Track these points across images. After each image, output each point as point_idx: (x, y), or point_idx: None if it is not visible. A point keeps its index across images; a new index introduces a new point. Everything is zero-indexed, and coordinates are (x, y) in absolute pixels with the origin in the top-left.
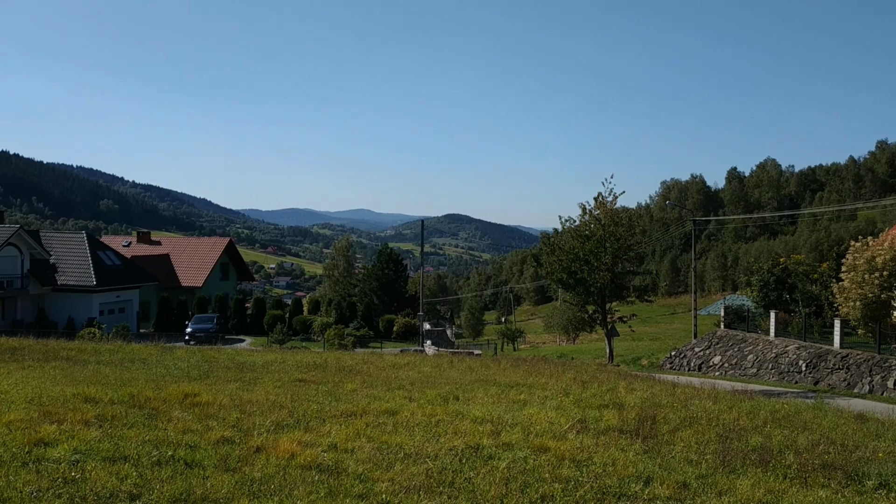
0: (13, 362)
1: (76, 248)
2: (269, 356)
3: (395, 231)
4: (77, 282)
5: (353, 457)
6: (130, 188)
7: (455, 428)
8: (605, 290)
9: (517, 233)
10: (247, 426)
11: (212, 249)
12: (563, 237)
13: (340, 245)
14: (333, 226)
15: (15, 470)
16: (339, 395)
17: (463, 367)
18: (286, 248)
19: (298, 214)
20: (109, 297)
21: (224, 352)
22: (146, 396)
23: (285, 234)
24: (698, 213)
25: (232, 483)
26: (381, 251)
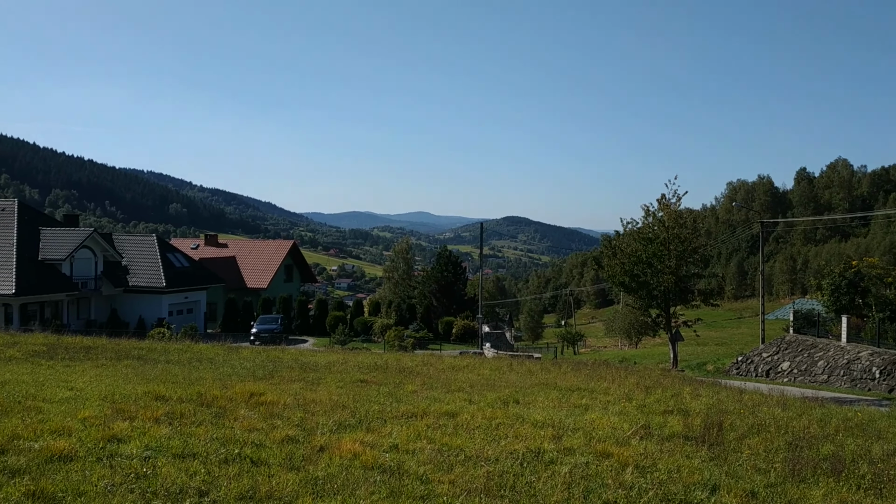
0: (88, 361)
1: (147, 250)
2: (331, 357)
3: (453, 233)
4: (147, 283)
5: (414, 458)
6: (198, 192)
7: (515, 431)
8: (668, 294)
9: (577, 235)
10: (310, 425)
11: (276, 252)
12: (624, 239)
13: (400, 247)
14: (393, 228)
15: (90, 465)
16: (400, 396)
17: (523, 370)
18: (347, 250)
19: (359, 217)
20: (178, 298)
21: (288, 352)
22: (213, 395)
23: (346, 237)
24: (766, 215)
25: (296, 481)
26: (440, 254)
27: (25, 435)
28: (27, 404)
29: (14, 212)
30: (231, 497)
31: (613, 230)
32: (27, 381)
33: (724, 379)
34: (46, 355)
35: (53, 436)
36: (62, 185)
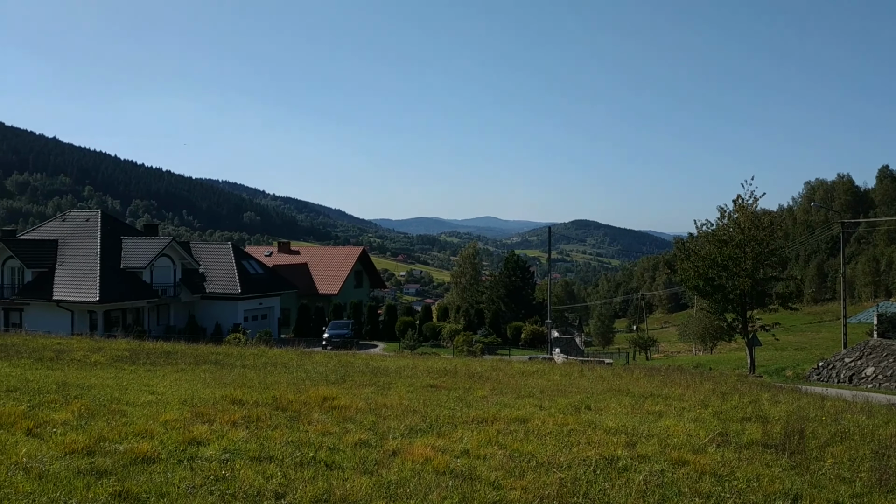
0: (168, 365)
1: (223, 258)
2: (401, 361)
3: (520, 238)
4: (224, 290)
5: (485, 463)
6: (271, 201)
7: (588, 438)
8: (745, 297)
9: (648, 238)
10: (382, 430)
11: (346, 258)
12: (698, 242)
13: (467, 253)
14: (460, 233)
15: (172, 467)
16: (470, 401)
17: (594, 376)
18: (415, 256)
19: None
20: (253, 304)
21: (359, 357)
22: (288, 399)
23: (414, 243)
24: (846, 215)
25: (370, 485)
26: (508, 258)
27: (111, 437)
28: (112, 408)
29: (98, 222)
30: (307, 500)
31: (686, 232)
32: (111, 386)
33: (805, 385)
34: (129, 360)
35: (137, 438)
36: (142, 196)
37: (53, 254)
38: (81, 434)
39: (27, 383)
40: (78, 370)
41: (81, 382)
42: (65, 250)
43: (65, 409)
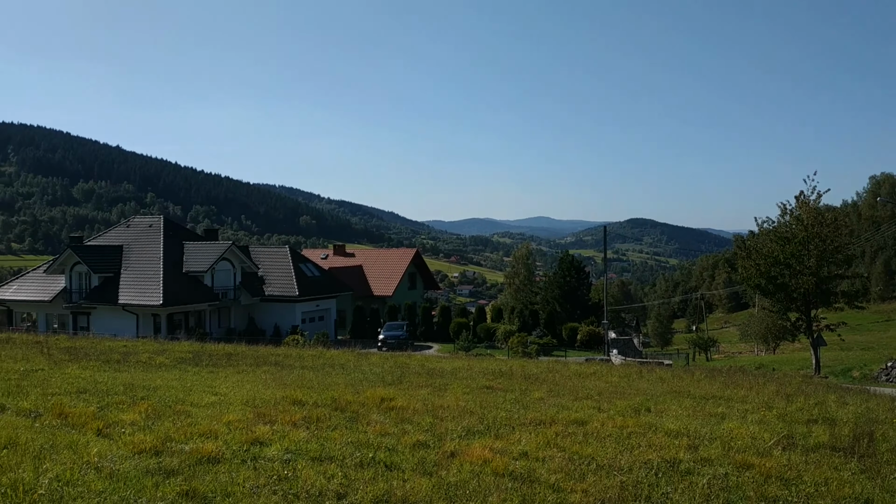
0: (229, 367)
1: (280, 261)
2: (456, 363)
3: (575, 238)
4: (282, 292)
5: (544, 466)
6: (326, 204)
7: (648, 441)
8: (809, 296)
9: (707, 236)
10: (440, 431)
11: (400, 260)
12: (760, 240)
13: (520, 253)
14: (513, 234)
15: (236, 467)
16: (527, 403)
17: (653, 377)
18: (468, 257)
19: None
20: (310, 306)
21: (414, 358)
22: (347, 400)
23: (467, 244)
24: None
25: (429, 486)
26: (563, 258)
27: (177, 437)
28: (177, 408)
29: (160, 228)
30: (367, 500)
31: (747, 230)
32: (176, 387)
33: (873, 386)
34: (192, 362)
35: (202, 438)
36: (202, 201)
37: (119, 259)
38: (149, 434)
39: (96, 385)
40: (144, 372)
41: (147, 384)
42: (129, 255)
43: (132, 409)
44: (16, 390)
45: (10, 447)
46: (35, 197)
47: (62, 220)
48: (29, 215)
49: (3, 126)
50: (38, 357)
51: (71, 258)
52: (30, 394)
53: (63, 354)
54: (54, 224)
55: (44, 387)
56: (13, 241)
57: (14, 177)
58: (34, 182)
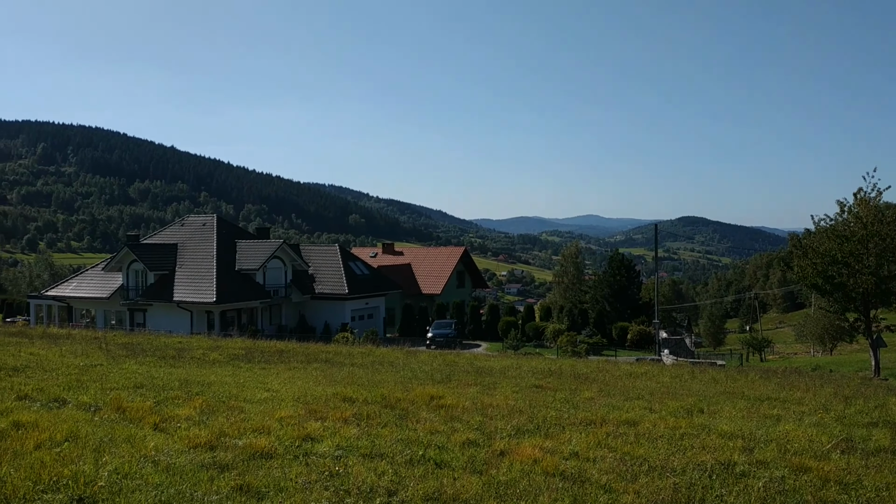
0: (281, 363)
1: (330, 259)
2: (504, 361)
3: (624, 236)
4: (331, 290)
5: (595, 466)
6: (375, 203)
7: (702, 442)
8: (868, 296)
9: (760, 234)
10: (489, 430)
11: (448, 258)
12: (816, 238)
13: (569, 252)
14: (562, 233)
15: (288, 462)
16: (577, 402)
17: (706, 378)
18: (516, 255)
19: (527, 222)
20: (359, 304)
21: (463, 356)
22: (396, 397)
23: (515, 242)
24: None
25: (480, 485)
26: (612, 257)
27: (231, 433)
28: (230, 404)
29: (213, 227)
30: (418, 498)
31: (802, 228)
32: (229, 383)
33: None
34: (245, 358)
35: (255, 434)
36: (253, 201)
37: (173, 257)
38: (203, 429)
39: (152, 380)
40: (198, 368)
41: (202, 380)
42: (184, 253)
43: (187, 405)
44: (76, 384)
45: (71, 440)
46: (93, 196)
47: (119, 218)
48: (88, 214)
49: (63, 127)
50: (96, 352)
51: (128, 256)
52: (89, 388)
53: (120, 350)
54: (112, 223)
55: (102, 381)
56: (73, 240)
57: (73, 177)
58: (92, 182)
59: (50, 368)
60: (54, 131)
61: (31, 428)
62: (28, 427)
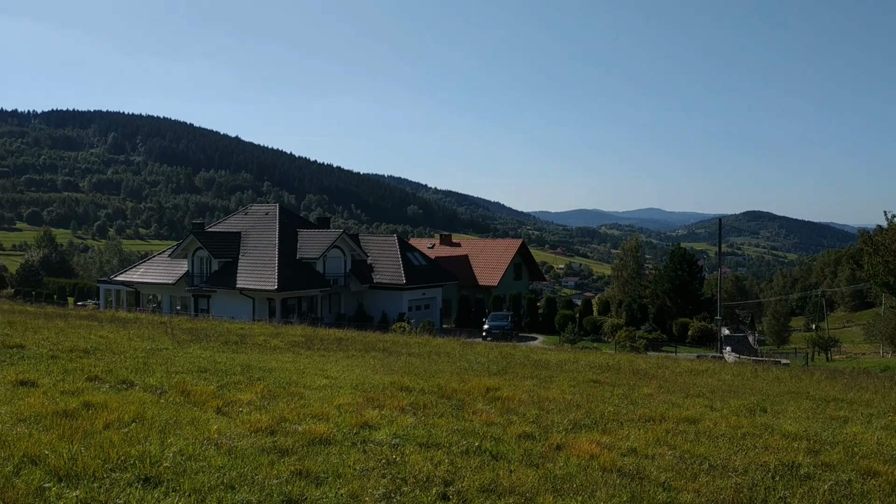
0: (339, 351)
1: (388, 249)
2: (561, 355)
3: (686, 230)
4: (389, 280)
5: (654, 463)
6: (433, 194)
7: (765, 442)
8: None
9: (829, 230)
10: (545, 423)
11: (506, 250)
12: (889, 235)
13: (629, 245)
14: (621, 226)
15: (346, 449)
16: (635, 398)
17: (769, 377)
18: (574, 248)
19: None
20: (416, 295)
21: (519, 349)
22: (452, 388)
23: (573, 235)
24: None
25: (536, 478)
26: (674, 251)
27: (291, 418)
28: (291, 390)
29: (276, 216)
30: (474, 489)
31: (874, 224)
32: (290, 369)
33: None
34: (304, 345)
35: (314, 420)
36: (314, 191)
37: (237, 245)
38: (264, 414)
39: (215, 365)
40: (259, 354)
41: (263, 365)
42: (247, 242)
43: (249, 390)
44: (143, 367)
45: (138, 421)
46: (160, 185)
47: (185, 207)
48: (155, 202)
49: (133, 117)
50: (162, 337)
51: (193, 244)
52: (155, 371)
53: (185, 335)
54: (178, 211)
55: (168, 365)
56: (141, 227)
57: (142, 166)
58: (160, 171)
59: (118, 351)
60: (124, 121)
61: (101, 408)
62: (98, 407)
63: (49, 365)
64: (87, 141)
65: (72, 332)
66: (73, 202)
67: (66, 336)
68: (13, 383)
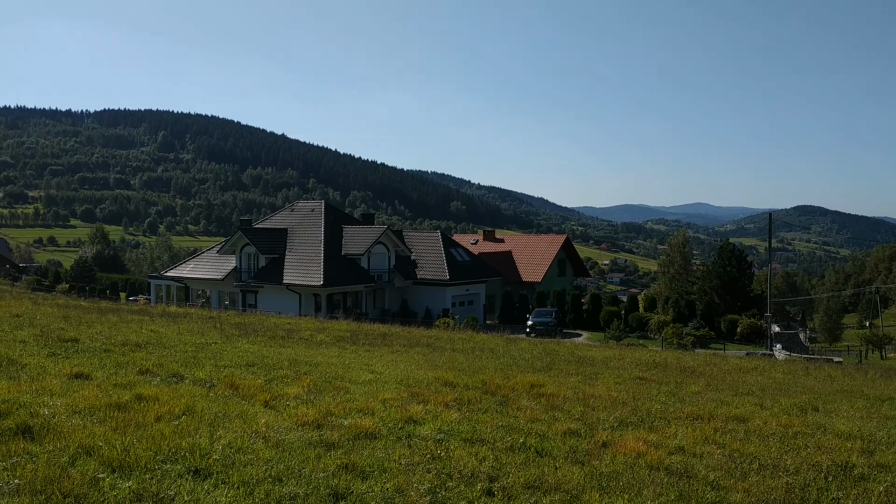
0: (384, 346)
1: (432, 245)
2: (606, 352)
3: (735, 225)
4: (433, 276)
5: (702, 462)
6: (476, 190)
7: (817, 442)
8: None
9: (883, 225)
10: (591, 420)
11: (549, 246)
12: None
13: (676, 241)
14: (668, 221)
15: (391, 443)
16: (683, 396)
17: (821, 375)
18: (619, 244)
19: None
20: (460, 291)
21: (563, 345)
22: (496, 384)
23: (618, 231)
24: None
25: (581, 475)
26: (722, 247)
27: (337, 412)
28: (336, 384)
29: (321, 212)
30: (519, 485)
31: None
32: (335, 364)
33: None
34: (350, 340)
35: (359, 415)
36: (359, 187)
37: (284, 241)
38: (311, 408)
39: (263, 359)
40: (305, 348)
41: (309, 360)
42: (293, 238)
43: (296, 384)
44: (192, 361)
45: (188, 414)
46: (209, 182)
47: (232, 203)
48: (203, 199)
49: (182, 116)
50: (211, 331)
51: (241, 240)
52: (205, 365)
53: (233, 329)
54: (226, 207)
55: (217, 359)
56: (190, 224)
57: (191, 163)
58: (208, 168)
59: (169, 345)
60: (173, 120)
61: (152, 401)
62: (149, 400)
63: (102, 358)
64: (138, 139)
65: (124, 326)
66: (125, 199)
67: (119, 330)
68: (68, 376)
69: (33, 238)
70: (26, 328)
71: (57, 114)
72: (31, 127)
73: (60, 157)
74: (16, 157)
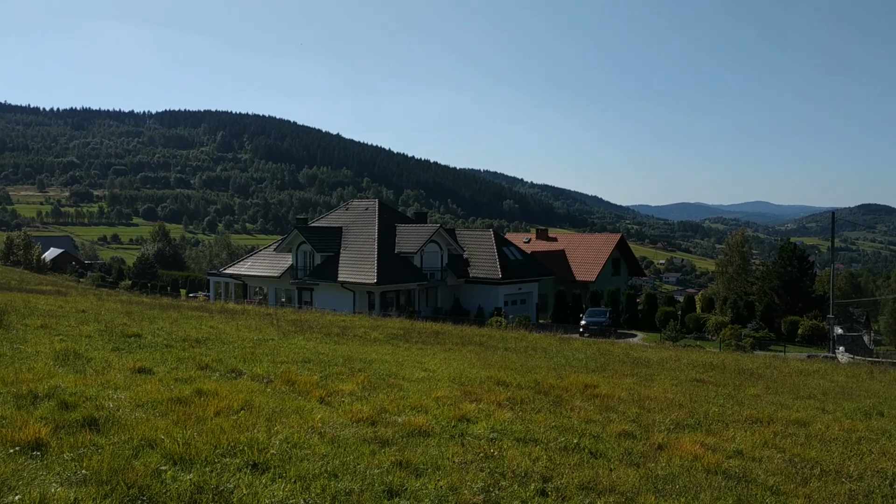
0: (437, 344)
1: (484, 244)
2: (662, 353)
3: (796, 224)
4: (485, 275)
5: (761, 466)
6: (529, 189)
7: (881, 448)
8: None
9: None
10: (646, 422)
11: (604, 245)
12: None
13: (734, 240)
14: (726, 220)
15: (444, 441)
16: (741, 399)
17: (887, 378)
18: (675, 243)
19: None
20: (512, 289)
21: (618, 345)
22: (550, 384)
23: (675, 230)
24: None
25: (637, 477)
26: (783, 246)
27: (390, 409)
28: (390, 382)
29: (375, 211)
30: (573, 486)
31: None
32: (389, 361)
33: None
34: (403, 338)
35: (413, 412)
36: (412, 186)
37: (338, 239)
38: (365, 405)
39: (318, 355)
40: (360, 345)
41: (363, 357)
42: (348, 236)
43: (350, 380)
44: (250, 357)
45: (246, 409)
46: (266, 181)
47: (289, 202)
48: (261, 198)
49: (240, 116)
50: (268, 328)
51: (297, 238)
52: (262, 361)
53: (290, 326)
54: (282, 206)
55: (274, 355)
56: (247, 222)
57: (248, 163)
58: (265, 168)
59: (227, 341)
60: (231, 120)
61: (212, 396)
62: (209, 395)
63: (164, 353)
64: (198, 139)
65: (184, 322)
66: (185, 198)
67: (179, 326)
68: (131, 370)
69: (98, 236)
70: (91, 323)
71: (120, 115)
72: (95, 128)
73: (123, 157)
74: (81, 157)
